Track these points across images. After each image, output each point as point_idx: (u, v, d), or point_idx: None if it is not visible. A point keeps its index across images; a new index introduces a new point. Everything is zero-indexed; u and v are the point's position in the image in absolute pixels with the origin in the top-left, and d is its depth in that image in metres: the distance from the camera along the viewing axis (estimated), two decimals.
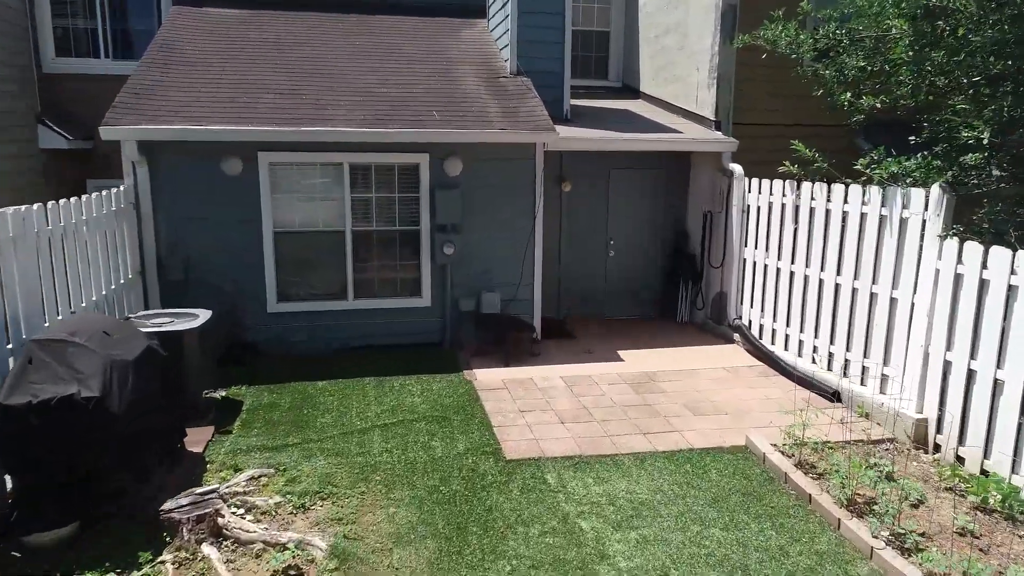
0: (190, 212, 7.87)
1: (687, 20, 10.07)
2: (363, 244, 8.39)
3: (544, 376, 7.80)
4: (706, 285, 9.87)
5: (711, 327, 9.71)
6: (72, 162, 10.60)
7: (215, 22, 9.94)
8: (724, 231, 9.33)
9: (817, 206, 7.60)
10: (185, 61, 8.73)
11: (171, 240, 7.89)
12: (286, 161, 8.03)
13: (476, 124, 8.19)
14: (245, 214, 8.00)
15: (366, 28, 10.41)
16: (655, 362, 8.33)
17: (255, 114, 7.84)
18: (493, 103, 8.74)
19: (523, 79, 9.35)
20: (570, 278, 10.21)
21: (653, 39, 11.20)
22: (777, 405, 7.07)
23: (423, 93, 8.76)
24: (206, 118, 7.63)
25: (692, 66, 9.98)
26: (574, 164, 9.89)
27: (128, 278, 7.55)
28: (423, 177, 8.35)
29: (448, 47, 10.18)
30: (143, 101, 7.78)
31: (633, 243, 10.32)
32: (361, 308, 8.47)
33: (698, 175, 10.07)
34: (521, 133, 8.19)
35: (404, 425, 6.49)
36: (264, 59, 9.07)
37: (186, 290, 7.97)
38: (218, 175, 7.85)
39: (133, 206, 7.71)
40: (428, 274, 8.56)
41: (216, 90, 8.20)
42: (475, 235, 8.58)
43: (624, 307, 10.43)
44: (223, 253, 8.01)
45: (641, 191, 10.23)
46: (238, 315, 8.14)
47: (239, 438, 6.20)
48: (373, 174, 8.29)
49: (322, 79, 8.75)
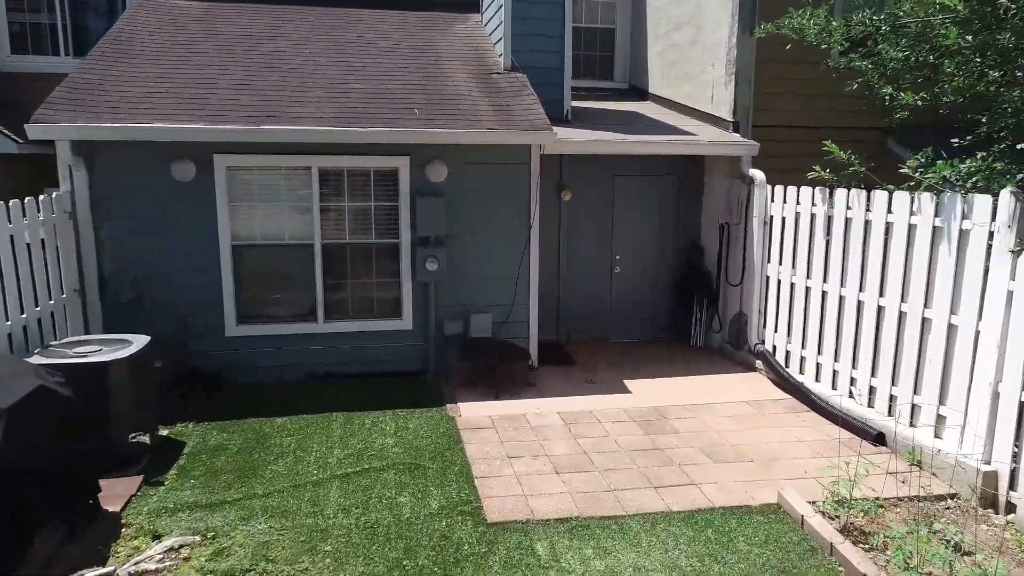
0: (136, 223, 6.90)
1: (701, 11, 9.10)
2: (335, 259, 7.41)
3: (539, 411, 6.76)
4: (723, 305, 8.83)
5: (729, 352, 8.66)
6: (26, 168, 9.66)
7: (179, 15, 9.03)
8: (743, 245, 8.31)
9: (854, 216, 6.57)
10: (137, 55, 7.80)
11: (115, 255, 6.92)
12: (246, 165, 7.06)
13: (463, 123, 7.21)
14: (200, 225, 7.04)
15: (348, 22, 9.49)
16: (667, 394, 7.29)
17: (211, 111, 6.89)
18: (483, 101, 7.78)
19: (518, 76, 8.39)
20: (571, 297, 9.19)
21: (663, 35, 10.24)
22: (810, 449, 6.01)
23: (404, 90, 7.80)
24: (153, 115, 6.68)
25: (707, 62, 9.00)
26: (575, 170, 8.91)
27: (61, 297, 6.58)
28: (402, 183, 7.37)
29: (436, 42, 9.24)
30: (83, 96, 6.84)
31: (641, 258, 9.31)
32: (333, 331, 7.47)
33: (713, 183, 9.06)
34: (514, 133, 7.21)
35: (369, 475, 5.46)
36: (229, 53, 8.14)
37: (133, 311, 6.99)
38: (168, 181, 6.89)
39: (69, 216, 6.76)
40: (409, 293, 7.56)
41: (169, 86, 7.26)
42: (462, 249, 7.59)
43: (631, 329, 9.39)
44: (175, 269, 7.03)
45: (649, 200, 9.22)
46: (193, 339, 7.16)
47: (171, 492, 5.18)
48: (346, 180, 7.31)
49: (291, 74, 7.81)
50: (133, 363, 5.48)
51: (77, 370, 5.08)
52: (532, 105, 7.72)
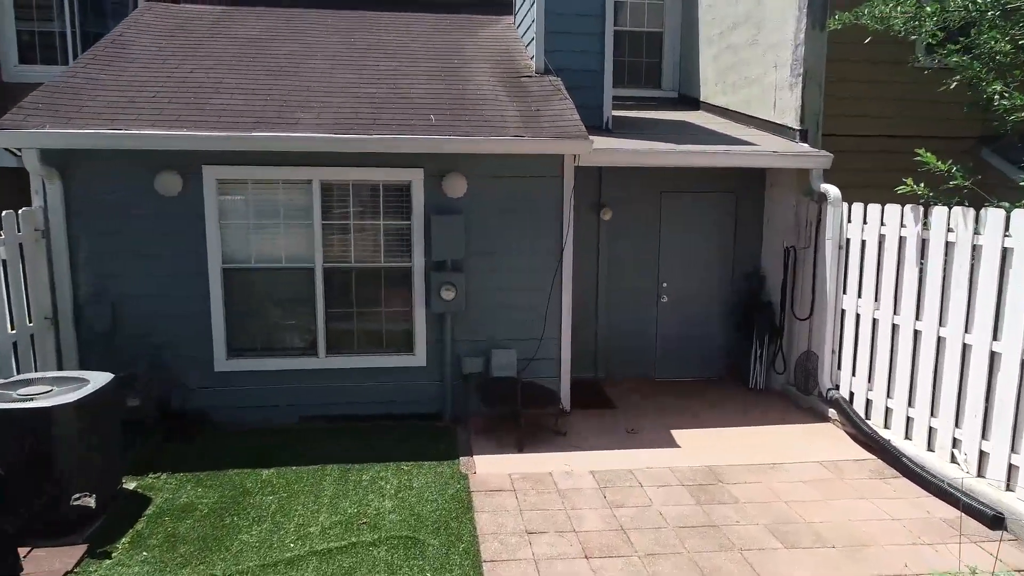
0: (115, 243, 6.13)
1: (762, 6, 8.01)
2: (338, 285, 6.50)
3: (568, 469, 5.69)
4: (788, 342, 7.62)
5: (795, 397, 7.44)
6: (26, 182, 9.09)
7: (186, 18, 8.36)
8: (813, 272, 7.12)
9: (958, 240, 5.37)
10: (131, 58, 7.10)
11: (91, 278, 6.15)
12: (238, 178, 6.23)
13: (484, 130, 6.26)
14: (187, 245, 6.22)
15: (369, 25, 8.69)
16: (722, 450, 6.13)
17: (201, 118, 6.09)
18: (510, 106, 6.82)
19: (551, 79, 7.42)
20: (611, 330, 8.10)
21: (717, 37, 9.16)
22: (908, 531, 4.79)
23: (422, 94, 6.90)
24: (134, 122, 5.91)
25: (768, 63, 7.89)
26: (616, 186, 7.86)
27: (28, 327, 5.82)
28: (415, 199, 6.44)
29: (463, 45, 8.36)
30: (60, 100, 6.12)
31: (692, 286, 8.17)
32: (335, 367, 6.55)
33: (776, 200, 7.90)
34: (543, 141, 6.21)
35: (356, 552, 4.47)
36: (236, 57, 7.39)
37: (111, 343, 6.20)
38: (152, 195, 6.11)
39: (42, 234, 6.01)
40: (422, 325, 6.59)
41: (158, 90, 6.50)
42: (483, 275, 6.60)
43: (680, 367, 8.24)
44: (158, 295, 6.22)
45: (702, 221, 8.11)
46: (178, 375, 6.32)
47: (116, 567, 4.28)
48: (351, 195, 6.42)
49: (295, 78, 6.99)
50: (85, 408, 4.61)
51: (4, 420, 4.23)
52: (565, 110, 6.73)
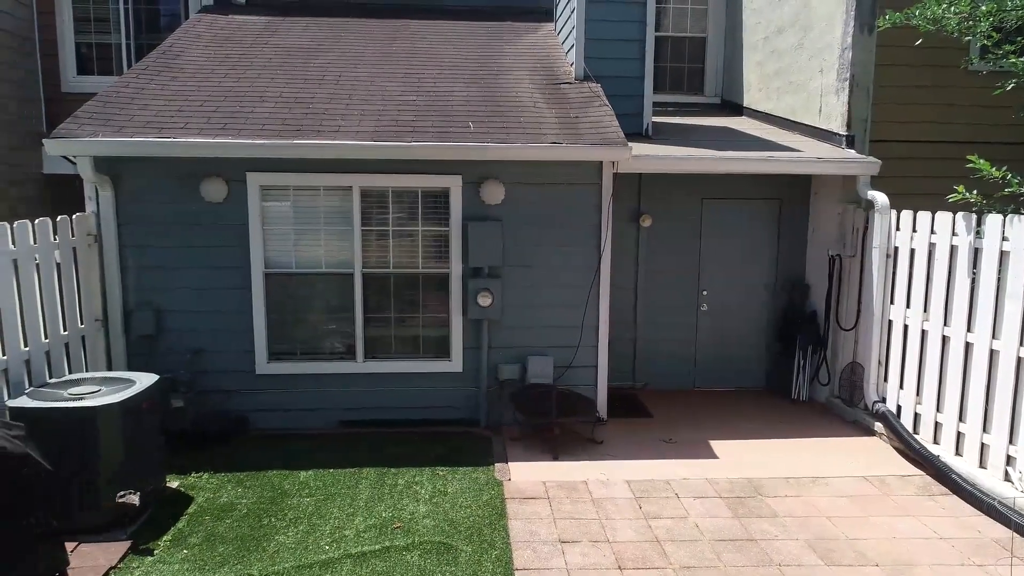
0: (163, 248, 6.31)
1: (809, 9, 7.85)
2: (376, 290, 6.57)
3: (604, 478, 5.63)
4: (832, 353, 7.42)
5: (839, 409, 7.24)
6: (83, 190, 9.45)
7: (235, 28, 8.58)
8: (859, 282, 6.93)
9: (1014, 249, 5.16)
10: (181, 68, 7.31)
11: (139, 282, 6.34)
12: (281, 184, 6.36)
13: (522, 137, 6.26)
14: (231, 250, 6.37)
15: (407, 33, 8.79)
16: (763, 462, 5.99)
17: (244, 125, 6.23)
18: (549, 112, 6.81)
19: (591, 85, 7.39)
20: (649, 338, 8.01)
21: (762, 42, 9.01)
22: (957, 552, 4.61)
23: (461, 102, 6.95)
24: (183, 130, 6.08)
25: (815, 68, 7.73)
26: (656, 193, 7.79)
27: (79, 328, 6.02)
28: (453, 206, 6.48)
29: (503, 52, 8.39)
30: (112, 110, 6.34)
31: (733, 295, 8.03)
32: (373, 372, 6.61)
33: (821, 208, 7.72)
34: (582, 148, 6.18)
35: (389, 556, 4.49)
36: (276, 66, 7.54)
37: (157, 346, 6.38)
38: (198, 202, 6.28)
39: (94, 239, 6.22)
40: (459, 331, 6.62)
41: (206, 99, 6.68)
42: (520, 282, 6.60)
43: (719, 377, 8.10)
44: (203, 300, 6.38)
45: (744, 228, 7.97)
46: (219, 378, 6.46)
47: (157, 564, 4.38)
48: (390, 201, 6.49)
49: (337, 86, 7.11)
50: (130, 408, 4.75)
51: (52, 419, 4.39)
52: (604, 117, 6.69)
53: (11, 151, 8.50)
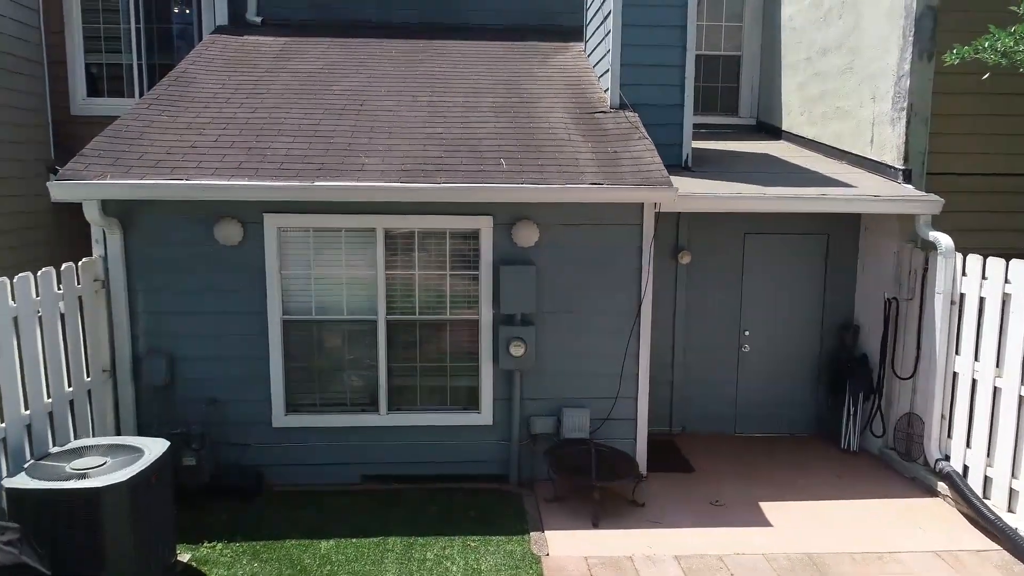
0: (174, 293, 5.92)
1: (859, 32, 7.37)
2: (401, 338, 6.15)
3: (650, 553, 5.17)
4: (887, 402, 6.94)
5: (895, 462, 6.75)
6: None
7: (250, 51, 8.19)
8: (918, 328, 6.45)
9: None
10: (193, 98, 6.91)
11: (150, 330, 5.95)
12: (300, 226, 5.95)
13: (559, 176, 5.83)
14: (246, 296, 5.97)
15: (434, 56, 8.37)
16: (820, 531, 5.52)
17: (261, 164, 5.83)
18: (585, 146, 6.37)
19: (627, 115, 6.94)
20: (687, 381, 7.55)
21: (803, 62, 8.53)
22: None
23: (490, 134, 6.52)
24: (196, 170, 5.68)
25: (864, 95, 7.25)
26: (695, 227, 7.33)
27: (86, 381, 5.63)
28: (484, 248, 6.05)
29: (531, 75, 7.95)
30: (120, 146, 5.95)
31: (777, 335, 7.55)
32: (397, 425, 6.19)
33: (873, 245, 7.24)
34: (623, 190, 5.74)
35: None
36: (294, 94, 7.14)
37: (168, 397, 5.99)
38: (212, 245, 5.88)
39: (101, 284, 5.84)
40: (489, 382, 6.19)
41: (220, 133, 6.28)
42: (555, 329, 6.16)
43: (763, 421, 7.63)
44: (216, 347, 5.99)
45: (789, 265, 7.49)
46: (233, 431, 6.06)
47: None
48: (416, 243, 6.07)
49: (359, 117, 6.69)
50: (137, 485, 4.34)
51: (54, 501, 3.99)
52: (645, 152, 6.24)
53: (19, 180, 8.13)
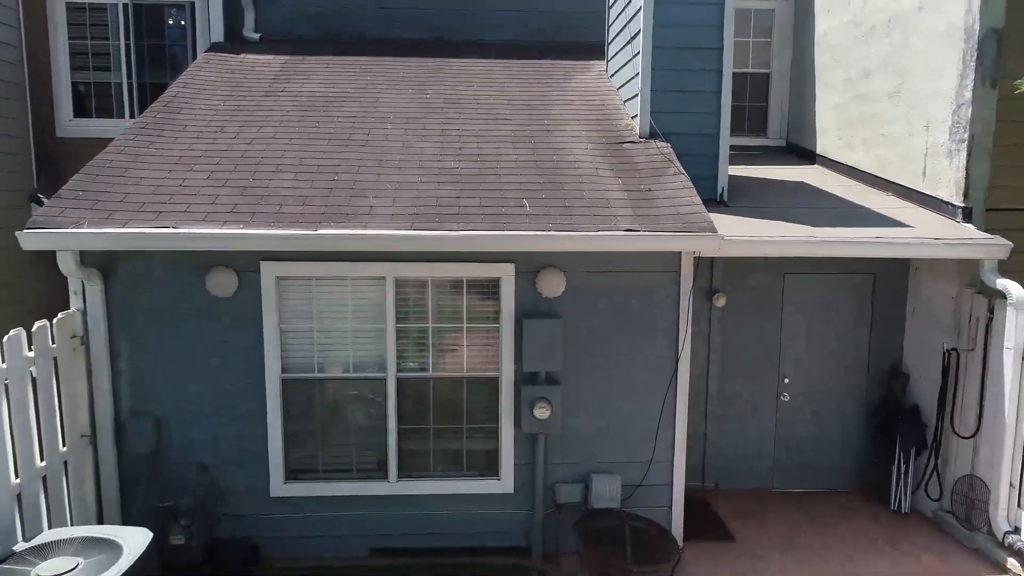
0: (161, 350, 5.33)
1: (908, 52, 6.77)
2: (413, 398, 5.56)
3: None
4: (943, 461, 6.34)
5: (953, 529, 6.15)
6: None
7: (247, 71, 7.59)
8: (981, 384, 5.86)
9: None
10: (184, 126, 6.32)
11: (134, 391, 5.36)
12: (301, 275, 5.36)
13: (589, 220, 5.23)
14: (241, 352, 5.39)
15: (442, 75, 7.78)
16: None
17: (258, 206, 5.23)
18: (614, 183, 5.78)
19: (660, 145, 6.35)
20: (722, 431, 6.96)
21: (841, 83, 7.94)
22: None
23: (509, 168, 5.93)
24: (183, 214, 5.09)
25: (915, 122, 6.65)
26: (731, 266, 6.73)
27: (61, 452, 5.03)
28: (505, 299, 5.46)
29: (551, 97, 7.36)
30: (102, 186, 5.35)
31: (818, 382, 6.97)
32: (408, 493, 5.60)
33: (926, 287, 6.64)
34: (662, 238, 5.14)
35: None
36: (295, 122, 6.55)
37: (154, 463, 5.40)
38: (203, 295, 5.29)
39: (80, 341, 5.24)
40: (510, 445, 5.60)
41: (213, 169, 5.69)
42: (583, 387, 5.58)
43: (802, 477, 7.04)
44: (208, 409, 5.41)
45: (831, 306, 6.91)
46: (229, 501, 5.48)
47: None
48: (430, 293, 5.48)
49: (365, 149, 6.10)
50: None
51: None
52: (682, 191, 5.65)
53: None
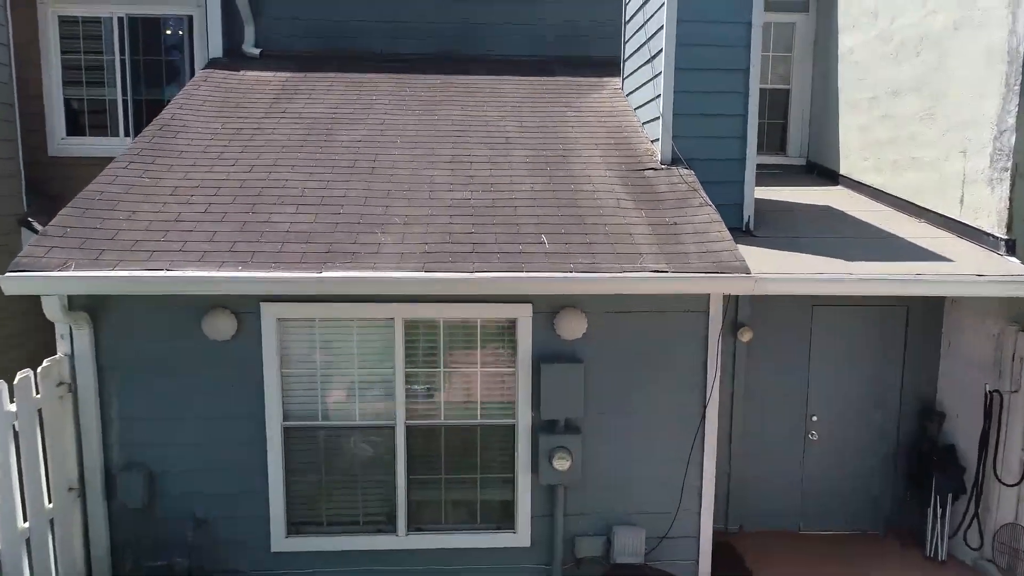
0: (154, 397, 5.00)
1: (942, 75, 6.43)
2: (423, 447, 5.23)
3: None
4: (984, 507, 5.99)
5: None
6: None
7: (247, 90, 7.25)
8: None
9: None
10: (180, 153, 5.98)
11: (126, 440, 5.03)
12: (304, 317, 5.03)
13: (612, 259, 4.88)
14: (239, 399, 5.05)
15: (450, 93, 7.43)
16: None
17: (259, 243, 4.88)
18: (637, 216, 5.44)
19: (683, 173, 6.00)
20: (746, 471, 6.61)
21: (867, 102, 7.59)
22: None
23: (525, 199, 5.58)
24: (178, 253, 4.74)
25: (952, 146, 6.30)
26: (758, 300, 6.36)
27: (47, 509, 4.69)
28: (521, 341, 5.12)
29: (565, 118, 7.02)
30: (92, 222, 5.00)
31: (848, 420, 6.62)
32: (417, 548, 5.26)
33: (964, 323, 6.29)
34: (693, 279, 4.79)
35: None
36: (297, 146, 6.21)
37: (147, 517, 5.06)
38: (199, 339, 4.95)
39: (68, 388, 4.90)
40: (527, 496, 5.26)
41: (210, 201, 5.34)
42: (605, 434, 5.24)
43: (831, 517, 6.69)
44: (205, 459, 5.09)
45: (862, 340, 6.56)
46: (226, 554, 5.13)
47: None
48: (442, 336, 5.15)
49: (371, 177, 5.75)
50: None
51: None
52: (711, 225, 5.30)
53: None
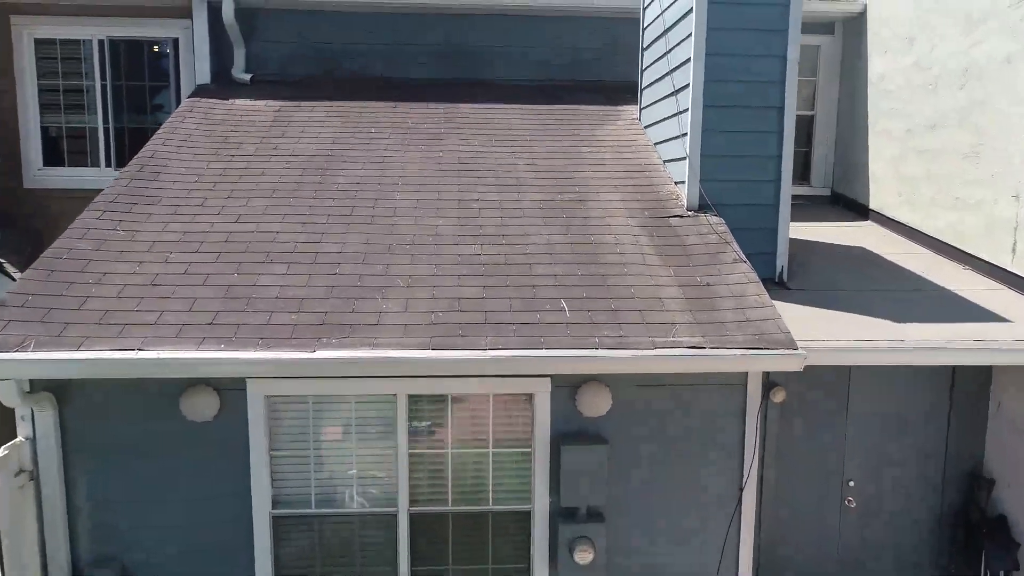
0: (127, 485, 4.46)
1: (986, 111, 5.92)
2: (429, 535, 4.69)
3: None
4: None
5: None
6: None
7: (236, 122, 6.70)
8: None
9: None
10: (162, 198, 5.43)
11: (95, 530, 4.48)
12: (295, 394, 4.49)
13: (642, 329, 4.36)
14: (223, 485, 4.51)
15: (455, 124, 6.90)
16: None
17: (245, 313, 4.35)
18: (665, 274, 4.91)
19: (712, 221, 5.48)
20: (777, 541, 6.08)
21: (902, 134, 7.08)
22: None
23: (541, 254, 5.05)
24: (151, 327, 4.20)
25: (1002, 189, 5.80)
26: None
27: None
28: (539, 418, 4.59)
29: (580, 153, 6.50)
30: (57, 289, 4.44)
31: (887, 485, 6.10)
32: None
33: (1013, 380, 5.79)
34: (735, 358, 4.25)
35: None
36: (290, 190, 5.67)
37: None
38: (178, 420, 4.40)
39: (29, 476, 4.36)
40: None
41: (193, 258, 4.80)
42: (630, 520, 4.72)
43: None
44: (184, 553, 4.53)
45: (903, 401, 6.03)
46: None
47: None
48: (449, 412, 4.61)
49: (371, 228, 5.21)
50: None
51: None
52: (747, 286, 4.77)
53: None
